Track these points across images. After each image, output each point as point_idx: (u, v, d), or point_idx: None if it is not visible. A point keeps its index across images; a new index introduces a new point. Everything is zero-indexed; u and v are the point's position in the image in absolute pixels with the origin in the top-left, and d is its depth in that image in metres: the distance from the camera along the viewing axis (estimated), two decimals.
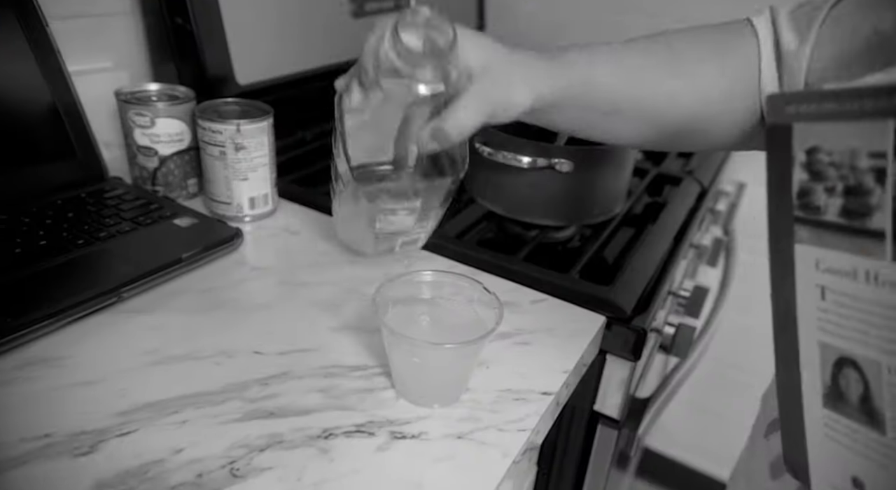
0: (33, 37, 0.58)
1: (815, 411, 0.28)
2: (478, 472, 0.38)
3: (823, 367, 0.27)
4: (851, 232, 0.23)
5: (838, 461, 0.28)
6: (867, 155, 0.22)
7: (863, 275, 0.24)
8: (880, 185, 0.22)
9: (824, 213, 0.24)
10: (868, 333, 0.24)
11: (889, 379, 0.24)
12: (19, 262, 0.49)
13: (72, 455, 0.36)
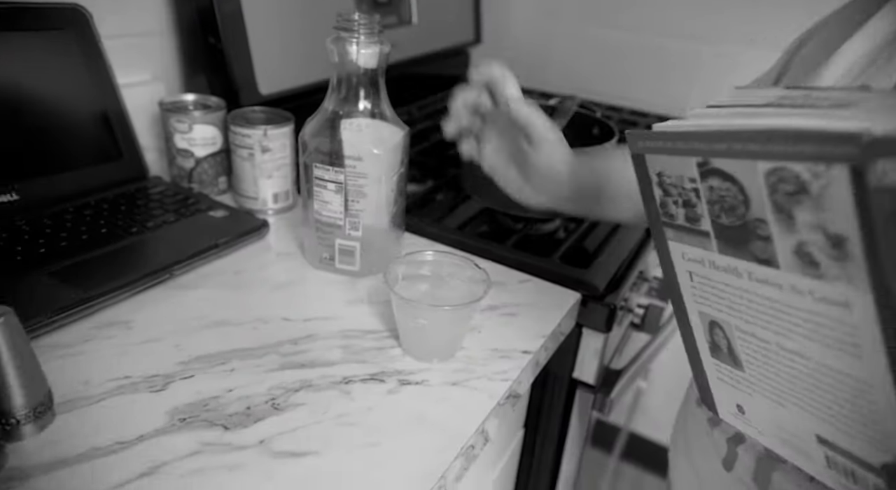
0: (90, 54, 0.68)
1: (708, 361, 0.37)
2: (469, 410, 0.47)
3: (704, 329, 0.36)
4: (694, 232, 0.32)
5: (728, 395, 0.38)
6: (688, 179, 0.30)
7: (708, 262, 0.32)
8: (699, 200, 0.31)
9: (677, 219, 0.33)
10: (720, 303, 0.33)
11: (737, 333, 0.33)
12: (86, 247, 0.59)
13: (148, 391, 0.45)
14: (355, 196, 0.57)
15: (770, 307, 0.30)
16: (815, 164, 0.24)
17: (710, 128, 0.29)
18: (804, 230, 0.26)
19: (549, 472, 0.75)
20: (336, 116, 0.57)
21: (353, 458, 0.41)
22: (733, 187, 0.28)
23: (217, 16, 0.74)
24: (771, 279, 0.29)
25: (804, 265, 0.27)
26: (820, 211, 0.25)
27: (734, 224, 0.29)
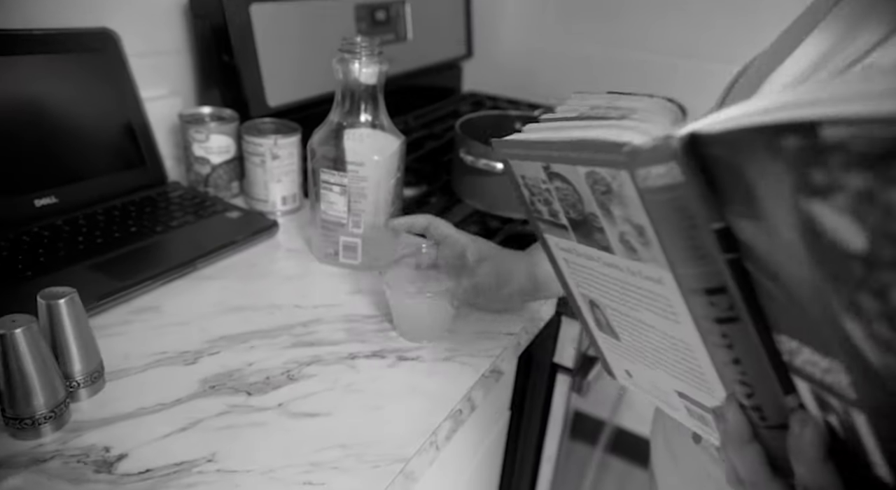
0: (118, 72, 0.76)
1: (596, 334, 0.41)
2: (457, 381, 0.54)
3: (587, 307, 0.40)
4: (557, 226, 0.36)
5: (617, 362, 0.42)
6: (541, 181, 0.34)
7: (573, 250, 0.36)
8: (553, 199, 0.34)
9: (544, 215, 0.36)
10: (590, 285, 0.37)
11: (608, 310, 0.37)
12: (119, 243, 0.66)
13: (182, 363, 0.52)
14: (357, 197, 0.65)
15: (620, 286, 0.34)
16: (611, 169, 0.27)
17: (540, 138, 0.32)
18: (620, 222, 0.29)
19: (534, 449, 0.82)
20: (340, 127, 0.64)
21: (359, 418, 0.49)
22: (569, 187, 0.31)
23: (231, 35, 0.82)
24: (613, 263, 0.33)
25: (627, 250, 0.30)
26: (624, 206, 0.28)
27: (578, 218, 0.33)
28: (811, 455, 0.26)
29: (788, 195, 0.20)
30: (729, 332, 0.27)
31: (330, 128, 0.65)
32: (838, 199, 0.18)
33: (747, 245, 0.24)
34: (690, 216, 0.25)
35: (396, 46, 1.15)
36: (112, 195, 0.75)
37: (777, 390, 0.28)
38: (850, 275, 0.19)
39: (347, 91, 0.64)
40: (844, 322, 0.21)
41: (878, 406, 0.23)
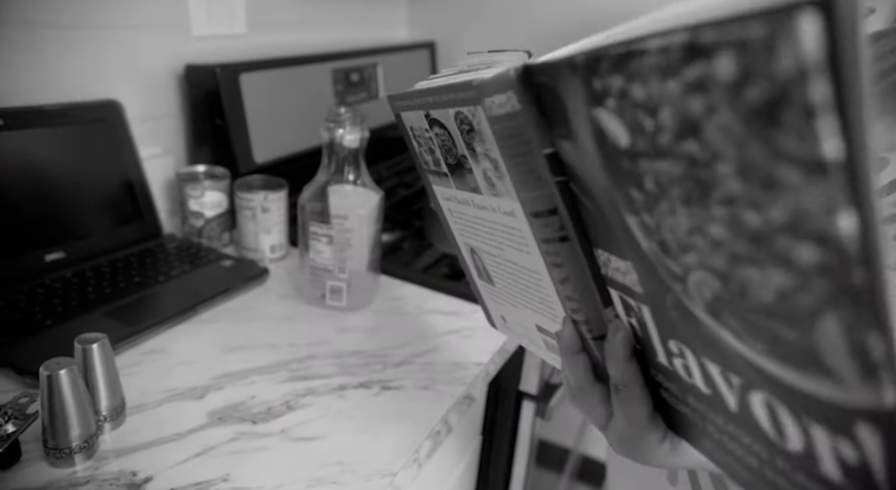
0: (121, 136, 0.83)
1: (477, 283, 0.44)
2: (435, 405, 0.62)
3: (468, 256, 0.42)
4: (440, 174, 0.38)
5: (495, 308, 0.44)
6: (424, 130, 0.36)
7: (454, 198, 0.38)
8: (435, 146, 0.36)
9: (430, 166, 0.39)
10: (468, 231, 0.39)
11: (484, 254, 0.39)
12: (125, 292, 0.73)
13: (191, 398, 0.59)
14: (343, 247, 0.74)
15: (489, 227, 0.36)
16: (470, 106, 0.30)
17: (421, 87, 0.35)
18: (482, 159, 0.32)
19: (504, 471, 0.90)
20: (327, 184, 0.73)
21: (351, 440, 0.56)
22: (445, 132, 0.34)
23: (223, 102, 0.91)
24: (482, 204, 0.35)
25: (489, 187, 0.33)
26: (483, 142, 0.31)
27: (454, 163, 0.36)
28: (620, 355, 0.31)
29: (584, 108, 0.23)
30: (560, 250, 0.30)
31: (318, 185, 0.74)
32: (609, 103, 0.21)
33: (570, 166, 0.27)
34: (527, 142, 0.28)
35: (369, 104, 1.25)
36: (114, 248, 0.82)
37: (598, 304, 0.31)
38: (623, 171, 0.23)
39: (333, 154, 0.73)
40: (627, 218, 0.24)
41: (654, 295, 0.26)
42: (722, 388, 0.25)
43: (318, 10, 1.22)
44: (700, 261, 0.21)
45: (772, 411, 0.22)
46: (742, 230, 0.18)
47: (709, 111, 0.17)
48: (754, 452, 0.25)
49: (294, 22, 1.16)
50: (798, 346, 0.19)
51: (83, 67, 0.83)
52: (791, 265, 0.17)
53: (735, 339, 0.22)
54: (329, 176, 0.74)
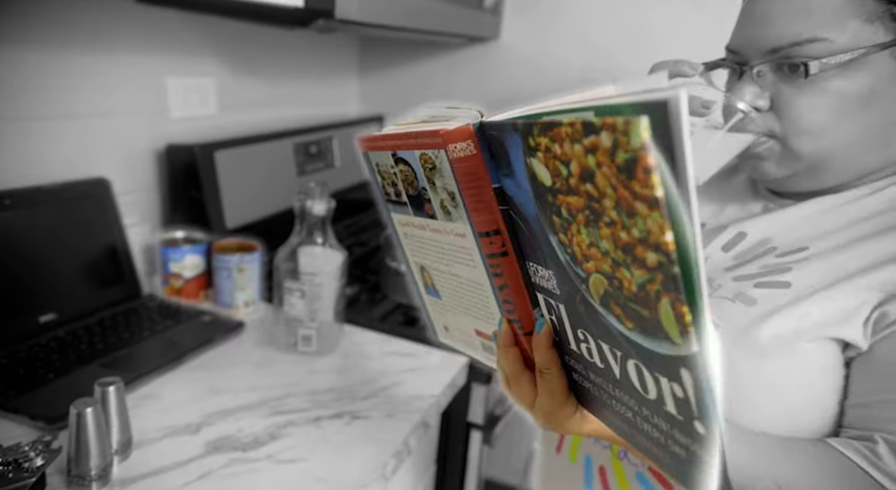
0: (108, 208, 0.94)
1: (424, 298, 0.53)
2: (397, 431, 0.74)
3: (418, 273, 0.51)
4: (400, 204, 0.46)
5: (438, 320, 0.53)
6: (390, 166, 0.44)
7: (410, 223, 0.47)
8: (398, 180, 0.44)
9: (391, 196, 0.47)
10: (421, 251, 0.48)
11: (433, 271, 0.47)
12: (116, 346, 0.82)
13: (188, 433, 0.69)
14: (313, 299, 0.86)
15: (440, 247, 0.44)
16: (434, 150, 0.38)
17: (391, 132, 0.42)
18: (440, 191, 0.40)
19: None
20: (299, 246, 0.86)
21: (328, 461, 0.67)
22: (409, 168, 0.42)
23: (200, 176, 1.03)
24: (436, 227, 0.43)
25: (444, 214, 0.41)
26: (442, 177, 0.39)
27: (414, 194, 0.43)
28: (544, 344, 0.39)
29: (521, 156, 0.32)
30: (501, 263, 0.39)
31: (291, 247, 0.86)
32: (538, 154, 0.30)
33: (511, 197, 0.36)
34: (480, 178, 0.37)
35: (327, 172, 1.40)
36: (101, 308, 0.91)
37: (528, 305, 0.40)
38: (547, 203, 0.31)
39: (304, 220, 0.86)
40: (550, 237, 0.33)
41: (567, 295, 0.35)
42: (610, 360, 0.36)
43: (279, 89, 1.37)
44: (596, 266, 0.31)
45: (639, 372, 0.34)
46: (618, 243, 0.28)
47: (598, 165, 0.27)
48: (631, 407, 0.37)
49: (258, 101, 1.31)
50: (651, 321, 0.29)
51: (75, 150, 0.94)
52: (645, 265, 0.27)
53: (617, 322, 0.32)
54: (301, 238, 0.86)
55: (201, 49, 1.13)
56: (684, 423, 0.31)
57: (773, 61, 0.49)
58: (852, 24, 0.46)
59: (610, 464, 0.64)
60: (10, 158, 0.86)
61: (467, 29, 1.28)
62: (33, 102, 0.87)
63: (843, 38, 0.46)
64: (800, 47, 0.47)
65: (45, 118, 0.89)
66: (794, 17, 0.48)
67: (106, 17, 0.94)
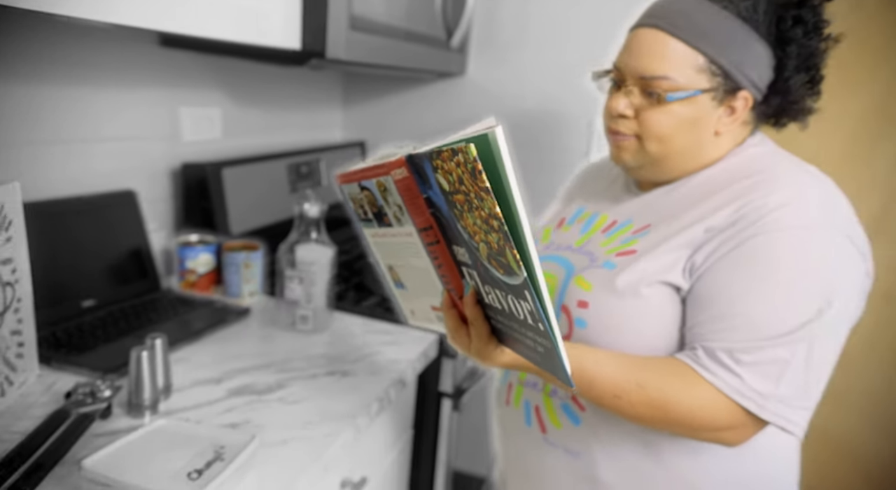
0: (135, 215, 1.12)
1: (395, 292, 0.71)
2: (379, 383, 0.92)
3: (387, 271, 0.70)
4: (368, 220, 0.64)
5: (406, 306, 0.72)
6: (357, 193, 0.62)
7: (377, 234, 0.64)
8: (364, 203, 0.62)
9: (361, 216, 0.64)
10: (388, 253, 0.66)
11: (398, 268, 0.66)
12: (147, 325, 0.99)
13: (213, 384, 0.86)
14: (309, 285, 1.05)
15: (399, 246, 0.60)
16: (385, 177, 0.55)
17: (356, 169, 0.59)
18: (392, 206, 0.56)
19: (430, 454, 1.18)
20: (297, 241, 1.05)
21: (325, 403, 0.85)
22: (370, 193, 0.58)
23: (210, 189, 1.23)
24: (394, 233, 0.59)
25: (397, 221, 0.57)
26: (392, 195, 0.55)
27: (376, 211, 0.60)
28: (470, 302, 0.56)
29: (432, 174, 0.48)
30: (436, 250, 0.56)
31: (290, 243, 1.06)
32: (439, 171, 0.47)
33: (433, 202, 0.52)
34: (414, 192, 0.52)
35: (315, 190, 1.59)
36: (129, 297, 1.08)
37: (458, 277, 0.57)
38: (451, 201, 0.48)
39: (301, 220, 1.06)
40: (457, 225, 0.50)
41: (474, 262, 0.50)
42: (503, 302, 0.55)
43: (274, 118, 1.58)
44: (479, 237, 0.49)
45: (513, 302, 0.53)
46: (482, 219, 0.46)
47: (462, 173, 0.45)
48: (517, 330, 0.56)
49: (256, 128, 1.51)
50: (506, 265, 0.47)
51: (108, 167, 1.13)
52: (494, 229, 0.46)
53: (496, 272, 0.50)
54: (299, 235, 1.06)
55: (209, 84, 1.34)
56: (535, 327, 0.50)
57: (639, 85, 0.71)
58: (688, 71, 0.68)
59: (542, 402, 0.82)
60: (56, 173, 1.04)
61: (437, 65, 1.51)
62: (75, 128, 1.07)
63: (682, 80, 0.68)
64: (655, 80, 0.69)
65: (83, 141, 1.08)
66: (654, 59, 0.69)
67: (132, 58, 1.14)
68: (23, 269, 0.75)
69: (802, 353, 0.64)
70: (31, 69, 0.98)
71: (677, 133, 0.70)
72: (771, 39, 0.68)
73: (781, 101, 0.73)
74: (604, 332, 0.72)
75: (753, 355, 0.64)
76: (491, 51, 1.68)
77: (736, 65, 0.67)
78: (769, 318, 0.64)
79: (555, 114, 1.67)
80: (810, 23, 0.69)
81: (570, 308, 0.75)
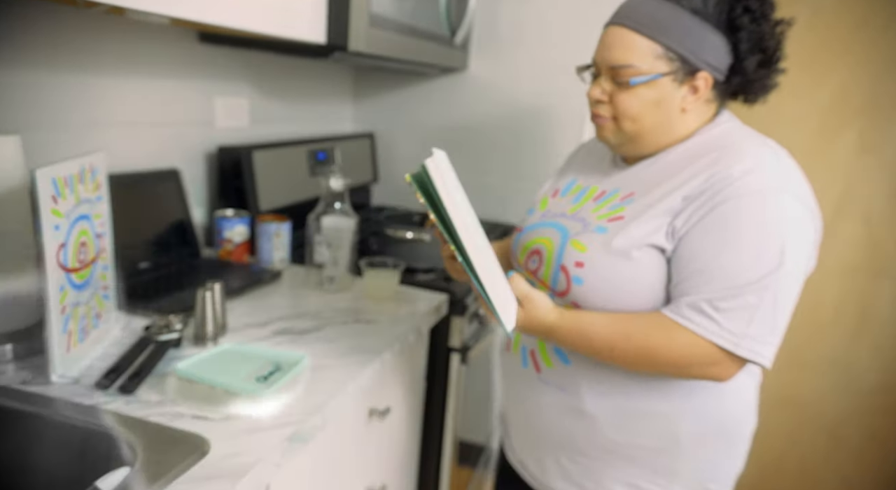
0: (180, 191, 1.27)
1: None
2: (399, 328, 1.08)
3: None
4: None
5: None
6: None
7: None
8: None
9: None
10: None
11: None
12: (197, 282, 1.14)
13: (259, 327, 1.02)
14: (335, 249, 1.20)
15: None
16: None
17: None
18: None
19: (441, 404, 1.34)
20: (323, 212, 1.20)
21: (355, 340, 1.00)
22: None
23: (242, 170, 1.38)
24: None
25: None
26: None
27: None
28: (447, 255, 0.87)
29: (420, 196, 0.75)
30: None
31: (318, 213, 1.21)
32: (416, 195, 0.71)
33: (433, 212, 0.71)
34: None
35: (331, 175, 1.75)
36: (175, 262, 1.24)
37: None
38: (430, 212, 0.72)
39: (327, 193, 1.21)
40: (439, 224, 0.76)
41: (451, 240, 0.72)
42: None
43: (293, 108, 1.73)
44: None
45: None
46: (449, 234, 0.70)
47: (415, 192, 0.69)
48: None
49: (277, 118, 1.66)
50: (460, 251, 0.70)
51: (157, 148, 1.28)
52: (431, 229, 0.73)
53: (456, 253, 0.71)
54: (325, 206, 1.21)
55: (239, 77, 1.49)
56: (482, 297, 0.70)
57: (609, 74, 0.86)
58: (649, 59, 0.82)
59: (537, 346, 0.95)
60: (119, 151, 1.19)
61: (442, 61, 1.67)
62: (132, 114, 1.22)
63: (644, 67, 0.82)
64: (622, 69, 0.84)
65: (137, 124, 1.23)
66: (620, 51, 0.84)
67: (175, 53, 1.30)
68: (107, 224, 0.90)
69: (768, 298, 0.75)
70: (94, 61, 1.13)
71: (645, 112, 0.84)
72: (723, 27, 0.82)
73: (741, 80, 0.85)
74: (599, 289, 0.83)
75: (728, 302, 0.75)
76: (491, 48, 1.84)
77: (691, 51, 0.82)
78: (739, 271, 0.76)
79: (547, 106, 1.83)
80: (757, 10, 0.82)
81: (569, 268, 0.86)
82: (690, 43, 0.81)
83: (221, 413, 0.74)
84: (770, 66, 0.85)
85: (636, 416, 0.86)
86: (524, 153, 1.89)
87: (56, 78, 1.06)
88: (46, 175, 0.71)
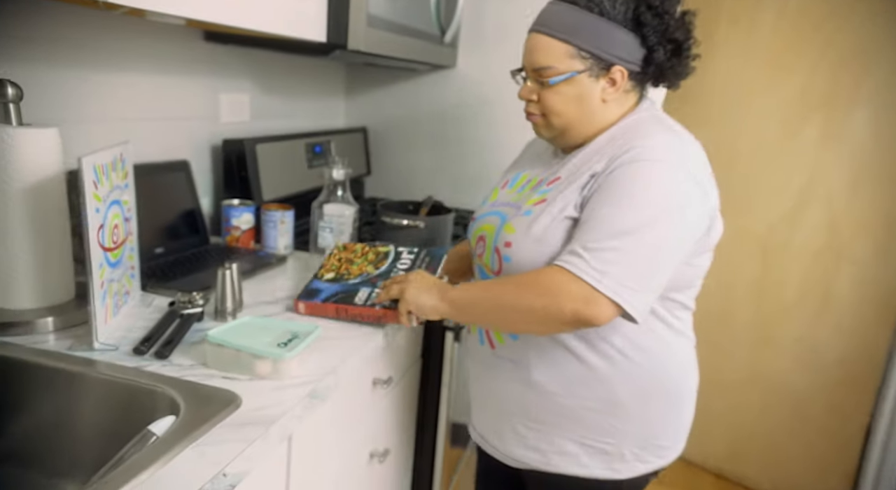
0: (189, 182, 1.36)
1: None
2: None
3: None
4: None
5: None
6: None
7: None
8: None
9: None
10: None
11: None
12: (209, 266, 1.23)
13: (268, 304, 1.11)
14: (337, 234, 1.29)
15: None
16: None
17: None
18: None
19: (436, 380, 1.44)
20: (325, 200, 1.29)
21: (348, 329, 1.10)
22: None
23: (246, 162, 1.46)
24: None
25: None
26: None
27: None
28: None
29: None
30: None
31: (321, 200, 1.30)
32: None
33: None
34: None
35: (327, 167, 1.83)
36: (188, 248, 1.32)
37: None
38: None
39: (329, 182, 1.30)
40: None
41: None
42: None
43: (290, 104, 1.81)
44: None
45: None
46: None
47: None
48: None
49: (276, 113, 1.74)
50: None
51: (168, 140, 1.36)
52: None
53: None
54: (328, 194, 1.30)
55: (241, 74, 1.57)
56: None
57: (533, 76, 0.95)
58: (564, 59, 0.91)
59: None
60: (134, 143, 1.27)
61: (432, 58, 1.76)
62: (146, 109, 1.30)
63: (561, 67, 0.91)
64: (542, 70, 0.93)
65: (151, 119, 1.31)
66: (538, 54, 0.93)
67: (182, 52, 1.38)
68: (133, 209, 0.98)
69: (641, 249, 0.82)
70: (108, 60, 1.21)
71: (568, 106, 0.93)
72: (629, 25, 0.89)
73: (655, 70, 0.92)
74: (524, 264, 0.91)
75: (598, 244, 0.82)
76: (478, 46, 1.94)
77: (601, 48, 0.89)
78: (615, 220, 0.83)
79: None
80: (659, 7, 0.88)
81: (500, 248, 0.94)
82: (600, 41, 0.89)
83: (248, 374, 0.83)
84: (681, 54, 0.93)
85: (578, 381, 0.94)
86: (507, 147, 1.99)
87: (78, 75, 1.13)
88: (90, 162, 0.79)
